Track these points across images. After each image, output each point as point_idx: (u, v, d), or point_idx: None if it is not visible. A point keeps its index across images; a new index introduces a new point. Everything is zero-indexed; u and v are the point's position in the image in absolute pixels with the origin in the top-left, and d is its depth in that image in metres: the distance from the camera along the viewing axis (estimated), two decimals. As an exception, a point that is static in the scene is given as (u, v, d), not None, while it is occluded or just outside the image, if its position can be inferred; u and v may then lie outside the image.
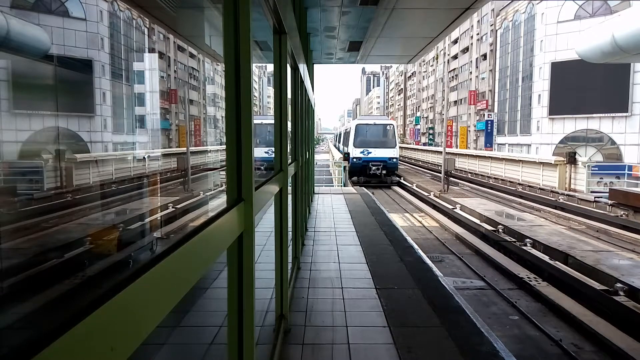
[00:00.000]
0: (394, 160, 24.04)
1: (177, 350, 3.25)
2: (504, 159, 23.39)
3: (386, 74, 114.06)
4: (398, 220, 12.07)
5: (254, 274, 1.83)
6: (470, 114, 51.14)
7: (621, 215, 12.88)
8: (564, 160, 18.63)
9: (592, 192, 17.09)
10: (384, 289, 4.41)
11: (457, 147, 44.75)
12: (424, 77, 72.93)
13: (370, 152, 23.59)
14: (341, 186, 18.88)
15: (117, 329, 0.75)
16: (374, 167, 23.49)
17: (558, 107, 31.46)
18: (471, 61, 51.87)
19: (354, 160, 23.26)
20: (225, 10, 1.63)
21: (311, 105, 8.46)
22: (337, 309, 3.93)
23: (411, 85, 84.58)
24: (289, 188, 3.95)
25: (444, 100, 52.24)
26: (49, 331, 0.58)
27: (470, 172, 26.96)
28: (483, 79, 48.17)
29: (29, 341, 0.55)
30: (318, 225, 7.77)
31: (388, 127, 25.04)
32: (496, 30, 43.90)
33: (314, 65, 11.68)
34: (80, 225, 5.43)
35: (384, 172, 23.73)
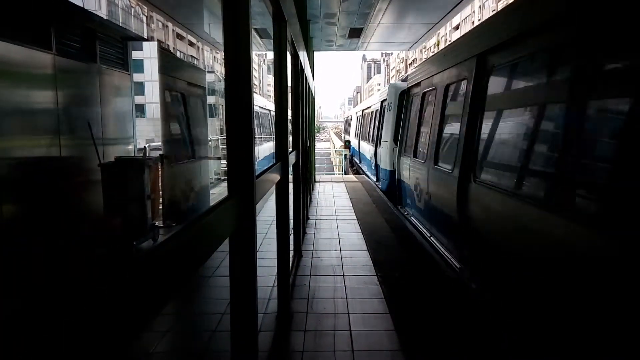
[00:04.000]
0: None
1: (181, 337, 3.29)
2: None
3: (387, 61, 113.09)
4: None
5: (256, 262, 1.84)
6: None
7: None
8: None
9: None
10: (385, 276, 4.43)
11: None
12: (425, 63, 72.21)
13: None
14: (342, 174, 18.88)
15: (120, 316, 0.75)
16: None
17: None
18: (473, 47, 51.32)
19: None
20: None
21: (312, 93, 8.41)
22: (339, 296, 3.96)
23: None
24: (290, 176, 3.95)
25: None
26: (48, 318, 0.59)
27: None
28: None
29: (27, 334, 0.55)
30: (319, 213, 7.79)
31: None
32: (498, 16, 43.37)
33: (314, 52, 11.58)
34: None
35: None
